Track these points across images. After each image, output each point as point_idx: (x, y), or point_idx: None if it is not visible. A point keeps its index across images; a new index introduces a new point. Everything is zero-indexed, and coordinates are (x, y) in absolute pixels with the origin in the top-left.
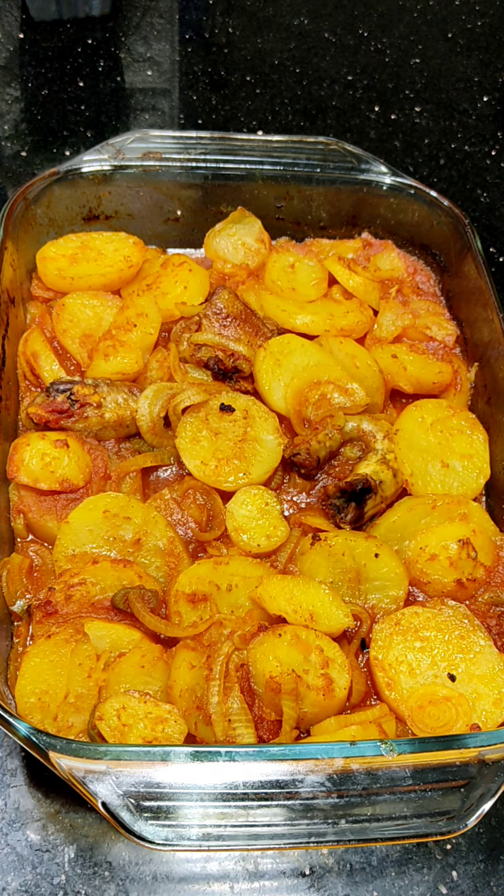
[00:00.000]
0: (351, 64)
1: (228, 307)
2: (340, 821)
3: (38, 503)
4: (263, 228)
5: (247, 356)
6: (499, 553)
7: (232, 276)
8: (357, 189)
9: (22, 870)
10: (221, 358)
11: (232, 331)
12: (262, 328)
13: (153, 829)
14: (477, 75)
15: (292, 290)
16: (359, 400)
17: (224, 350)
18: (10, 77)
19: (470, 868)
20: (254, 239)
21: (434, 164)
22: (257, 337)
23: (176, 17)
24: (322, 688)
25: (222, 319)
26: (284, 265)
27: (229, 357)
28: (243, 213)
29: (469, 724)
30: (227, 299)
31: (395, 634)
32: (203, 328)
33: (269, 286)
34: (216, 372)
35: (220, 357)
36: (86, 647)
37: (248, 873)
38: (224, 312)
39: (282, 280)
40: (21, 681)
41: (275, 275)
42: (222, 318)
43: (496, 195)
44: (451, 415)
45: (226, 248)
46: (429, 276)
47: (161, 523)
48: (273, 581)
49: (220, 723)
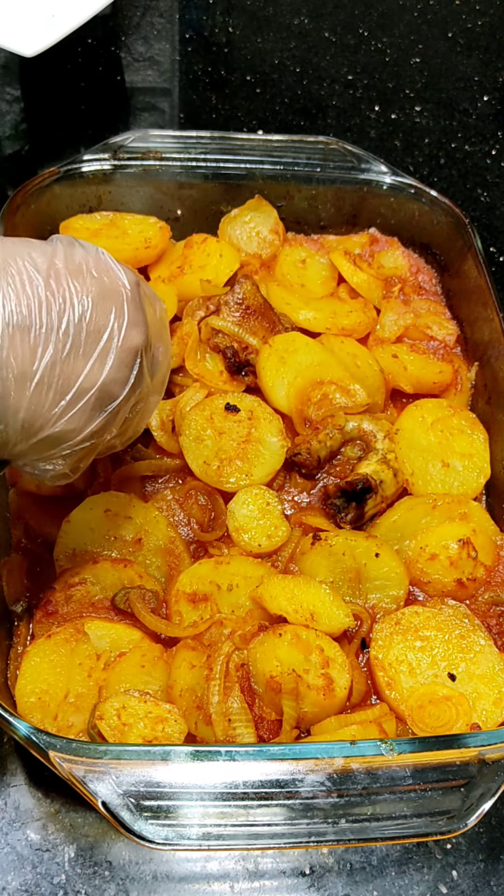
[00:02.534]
0: (351, 63)
1: (249, 298)
2: (340, 820)
3: (39, 509)
4: (279, 219)
5: (258, 350)
6: (499, 553)
7: (245, 265)
8: (357, 188)
9: (22, 869)
10: (237, 349)
11: (250, 323)
12: (278, 324)
13: (153, 829)
14: (477, 75)
15: (301, 285)
16: (360, 400)
17: (240, 342)
18: (9, 77)
19: (470, 868)
20: (269, 230)
21: (434, 164)
22: (272, 333)
23: (176, 17)
24: (322, 687)
25: (243, 310)
26: (296, 260)
27: (244, 350)
28: (260, 202)
29: (469, 723)
30: (249, 290)
31: (396, 634)
32: (222, 314)
33: (280, 279)
34: (230, 362)
35: (237, 348)
36: (86, 646)
37: (248, 873)
38: (245, 303)
39: (292, 274)
40: (21, 680)
41: (286, 269)
42: (242, 308)
43: (496, 195)
44: (452, 414)
45: (240, 235)
46: (431, 275)
47: (162, 523)
48: (274, 581)
49: (220, 722)
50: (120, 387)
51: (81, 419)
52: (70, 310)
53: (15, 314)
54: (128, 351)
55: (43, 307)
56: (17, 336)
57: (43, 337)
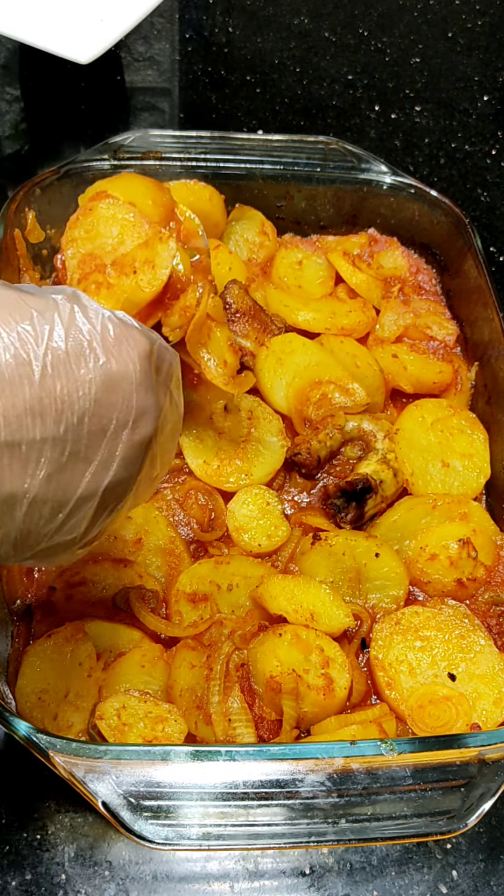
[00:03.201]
0: (351, 63)
1: (238, 302)
2: (340, 820)
3: None
4: (266, 219)
5: (254, 353)
6: (499, 552)
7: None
8: (357, 188)
9: (22, 869)
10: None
11: (240, 326)
12: (271, 325)
13: (153, 829)
14: (477, 74)
15: (299, 287)
16: (359, 399)
17: (233, 345)
18: (10, 77)
19: (470, 867)
20: (255, 233)
21: (434, 164)
22: (265, 334)
23: (176, 17)
24: (322, 687)
25: (231, 314)
26: (293, 262)
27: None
28: (241, 210)
29: (469, 723)
30: (236, 294)
31: (396, 634)
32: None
33: (276, 282)
34: None
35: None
36: (86, 646)
37: (248, 872)
38: (234, 307)
39: (289, 277)
40: (21, 680)
41: (282, 271)
42: (231, 312)
43: (496, 194)
44: (452, 414)
45: (231, 247)
46: (431, 275)
47: (162, 523)
48: (274, 581)
49: (220, 722)
50: (126, 487)
51: (82, 527)
52: (68, 412)
53: (2, 430)
54: (135, 447)
55: (36, 415)
56: (5, 454)
57: (36, 450)
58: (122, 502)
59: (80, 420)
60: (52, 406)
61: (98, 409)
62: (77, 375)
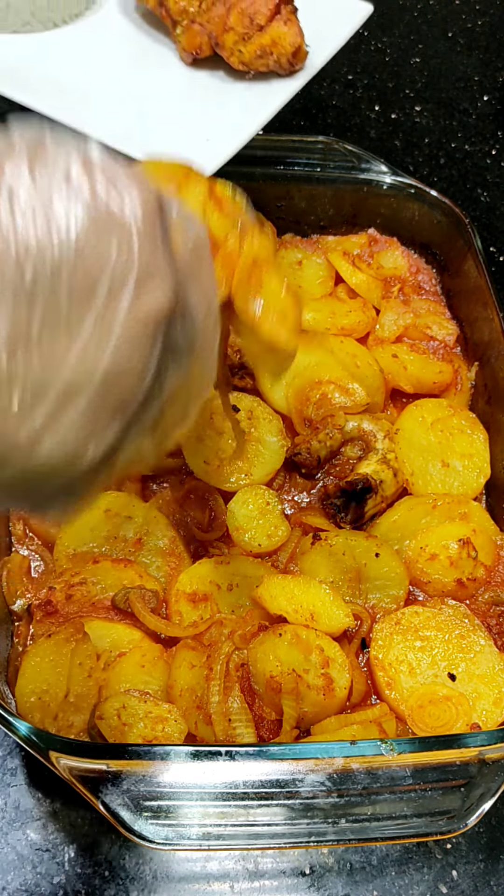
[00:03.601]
0: (351, 63)
1: None
2: (340, 820)
3: None
4: (266, 219)
5: None
6: (499, 552)
7: None
8: (357, 188)
9: (22, 869)
10: (229, 353)
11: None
12: None
13: (153, 829)
14: (477, 74)
15: (298, 287)
16: (359, 399)
17: (231, 346)
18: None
19: (470, 867)
20: None
21: (434, 164)
22: None
23: None
24: (322, 687)
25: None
26: (292, 262)
27: (236, 353)
28: None
29: (469, 723)
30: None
31: (396, 634)
32: None
33: None
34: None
35: (228, 352)
36: (86, 646)
37: (248, 872)
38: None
39: (289, 276)
40: (21, 680)
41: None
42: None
43: (496, 194)
44: (452, 414)
45: None
46: (431, 275)
47: (162, 523)
48: (273, 581)
49: (220, 722)
50: (134, 379)
51: (77, 434)
52: (37, 257)
53: None
54: (142, 323)
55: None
56: None
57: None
58: (145, 412)
59: (56, 272)
60: (12, 241)
61: (82, 260)
62: (49, 211)
